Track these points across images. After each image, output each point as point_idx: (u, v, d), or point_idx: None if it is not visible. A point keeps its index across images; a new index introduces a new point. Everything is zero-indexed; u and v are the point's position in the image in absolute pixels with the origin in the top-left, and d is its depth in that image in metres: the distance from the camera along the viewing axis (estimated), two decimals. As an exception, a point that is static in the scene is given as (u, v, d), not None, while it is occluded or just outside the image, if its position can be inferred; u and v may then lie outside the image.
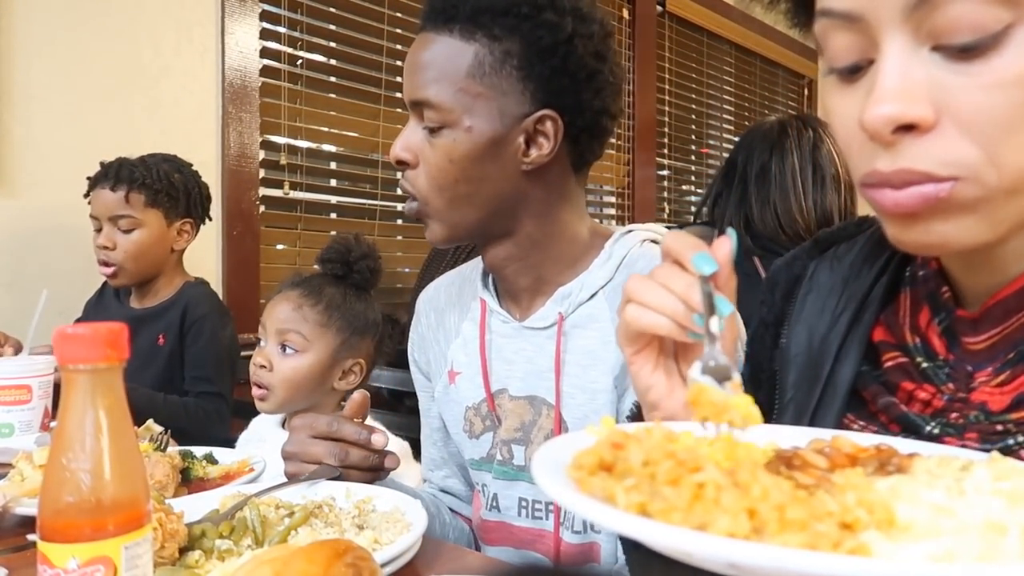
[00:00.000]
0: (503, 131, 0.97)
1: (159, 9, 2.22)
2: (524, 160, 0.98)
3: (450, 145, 0.97)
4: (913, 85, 0.52)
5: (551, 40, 0.96)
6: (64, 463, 0.53)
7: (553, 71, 0.96)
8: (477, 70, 0.95)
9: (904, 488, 0.42)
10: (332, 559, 0.59)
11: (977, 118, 0.51)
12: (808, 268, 0.77)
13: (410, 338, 1.26)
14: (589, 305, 1.03)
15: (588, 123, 1.00)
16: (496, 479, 1.10)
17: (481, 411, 1.11)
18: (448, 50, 0.97)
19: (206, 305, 1.94)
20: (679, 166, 4.23)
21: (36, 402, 1.37)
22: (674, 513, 0.38)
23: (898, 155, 0.53)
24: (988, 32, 0.50)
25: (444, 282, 1.23)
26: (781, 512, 0.37)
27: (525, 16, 0.95)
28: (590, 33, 0.99)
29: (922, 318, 0.67)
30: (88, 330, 0.54)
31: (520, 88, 0.97)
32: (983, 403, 0.61)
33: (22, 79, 1.97)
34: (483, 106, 0.96)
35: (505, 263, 1.07)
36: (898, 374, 0.66)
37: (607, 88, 1.01)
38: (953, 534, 0.38)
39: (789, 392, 0.72)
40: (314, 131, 2.60)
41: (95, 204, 1.86)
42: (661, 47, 4.03)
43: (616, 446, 0.43)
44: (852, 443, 0.49)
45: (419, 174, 1.00)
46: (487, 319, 1.11)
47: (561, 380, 1.03)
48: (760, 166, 1.84)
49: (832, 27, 0.57)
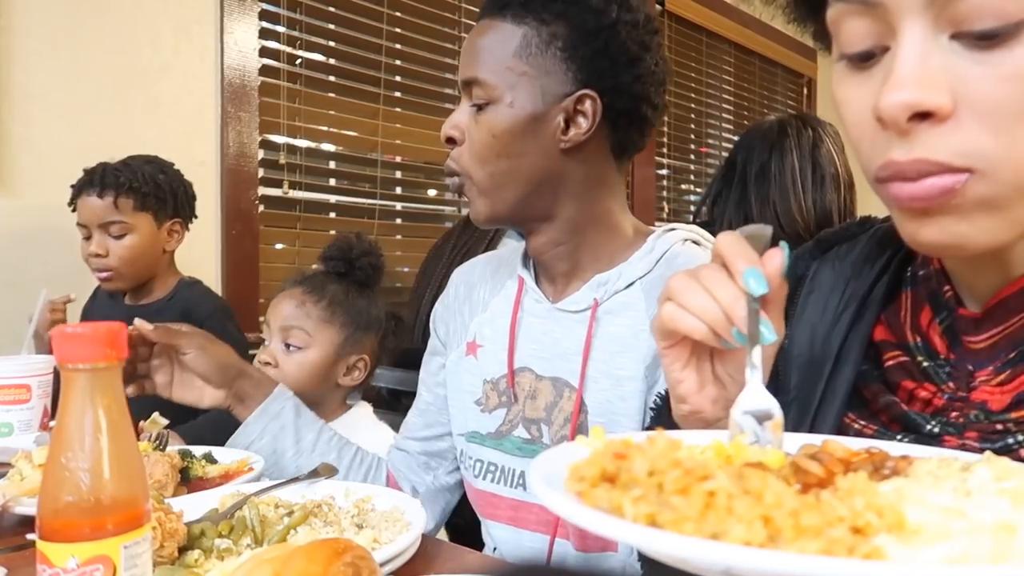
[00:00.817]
0: (543, 108, 1.01)
1: (158, 8, 2.22)
2: (563, 139, 1.02)
3: (493, 120, 1.02)
4: (931, 72, 0.51)
5: (595, 24, 1.01)
6: (63, 462, 0.53)
7: (595, 53, 1.01)
8: (524, 50, 1.01)
9: (909, 491, 0.42)
10: (331, 558, 0.59)
11: (995, 108, 0.50)
12: (810, 268, 0.77)
13: (435, 309, 1.29)
14: (625, 294, 1.05)
15: (627, 107, 1.04)
16: (519, 457, 1.11)
17: (499, 386, 1.13)
18: (500, 33, 1.03)
19: (208, 304, 1.94)
20: (678, 165, 4.23)
21: (35, 401, 1.37)
22: (685, 523, 0.37)
23: (914, 144, 0.52)
24: (1011, 20, 0.49)
25: (481, 260, 1.27)
26: (796, 518, 0.36)
27: (572, 2, 1.01)
28: (635, 21, 1.04)
29: (923, 317, 0.66)
30: (87, 329, 0.54)
31: (563, 68, 1.01)
32: (983, 402, 0.60)
33: (21, 79, 1.97)
34: (526, 84, 1.01)
35: (546, 247, 1.09)
36: (899, 373, 0.66)
37: (648, 77, 1.05)
38: (966, 535, 0.37)
39: (792, 393, 0.72)
40: (313, 130, 2.60)
41: (83, 212, 1.85)
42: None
43: (619, 456, 0.42)
44: (843, 447, 0.48)
45: (464, 150, 1.05)
46: (522, 297, 1.14)
47: (588, 365, 1.05)
48: (760, 166, 1.84)
49: (848, 12, 0.56)
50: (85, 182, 1.84)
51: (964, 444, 0.60)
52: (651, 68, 1.05)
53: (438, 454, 1.26)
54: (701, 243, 1.12)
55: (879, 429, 0.65)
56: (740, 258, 0.58)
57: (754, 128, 1.96)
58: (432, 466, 1.27)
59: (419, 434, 1.27)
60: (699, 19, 4.19)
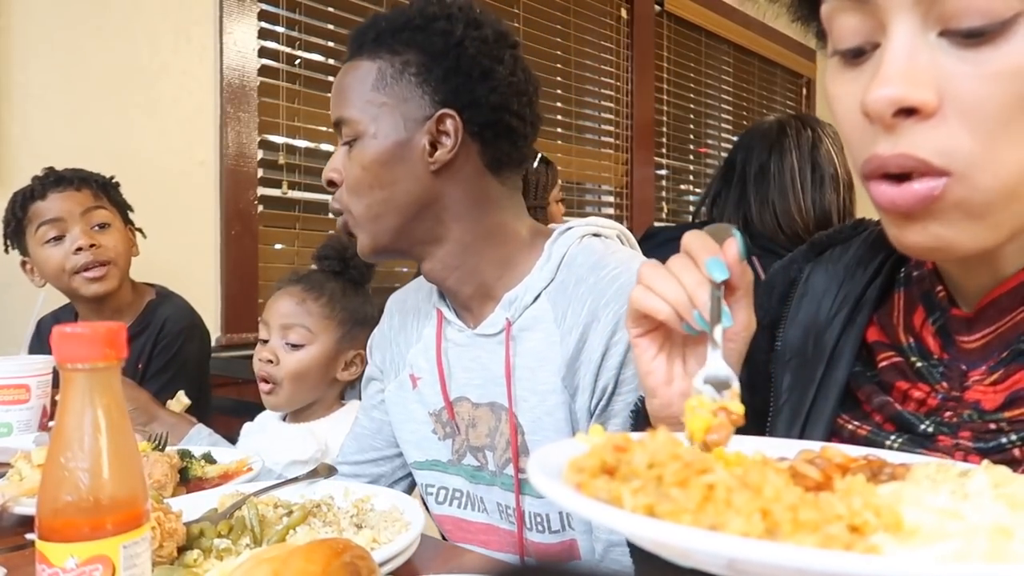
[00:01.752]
0: (407, 135, 1.03)
1: (157, 9, 2.22)
2: (430, 161, 1.03)
3: (361, 153, 1.03)
4: (918, 69, 0.51)
5: (443, 44, 1.02)
6: (62, 462, 0.53)
7: (447, 72, 1.02)
8: (380, 82, 1.03)
9: (907, 493, 0.42)
10: (330, 558, 0.59)
11: (978, 107, 0.50)
12: (804, 271, 0.78)
13: (372, 335, 1.30)
14: (534, 308, 1.05)
15: (489, 120, 1.04)
16: (473, 483, 1.12)
17: (442, 418, 1.13)
18: (359, 71, 1.05)
19: (176, 324, 1.81)
20: (677, 166, 4.24)
21: (34, 401, 1.37)
22: (684, 515, 0.37)
23: (898, 139, 0.52)
24: (998, 18, 0.49)
25: (412, 288, 1.26)
26: (794, 513, 0.37)
27: (419, 28, 1.04)
28: (483, 37, 1.04)
29: (916, 318, 0.67)
30: (86, 329, 0.54)
31: (419, 93, 1.03)
32: (977, 402, 0.61)
33: (20, 78, 1.97)
34: (387, 114, 1.03)
35: (444, 273, 1.09)
36: (892, 374, 0.66)
37: (505, 88, 1.04)
38: (962, 536, 0.38)
39: (784, 395, 0.72)
40: (312, 130, 2.60)
41: (61, 204, 1.67)
42: (659, 47, 4.03)
43: (619, 449, 0.42)
44: (842, 454, 0.48)
45: (343, 190, 1.06)
46: (443, 329, 1.14)
47: (513, 385, 1.05)
48: (759, 166, 1.84)
49: (840, 8, 0.57)
50: (51, 181, 1.69)
51: (958, 444, 0.60)
52: (507, 79, 1.04)
53: (372, 478, 1.25)
54: (601, 234, 1.11)
55: (873, 430, 0.65)
56: (703, 250, 0.63)
57: (754, 128, 1.96)
58: None
59: (352, 458, 1.27)
60: (698, 19, 4.20)
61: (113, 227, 1.74)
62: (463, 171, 1.05)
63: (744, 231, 1.80)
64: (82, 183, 1.72)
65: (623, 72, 3.83)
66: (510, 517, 1.08)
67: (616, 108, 3.82)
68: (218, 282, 2.35)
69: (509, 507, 1.08)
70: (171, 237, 2.18)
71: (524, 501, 1.05)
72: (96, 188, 1.74)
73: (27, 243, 1.71)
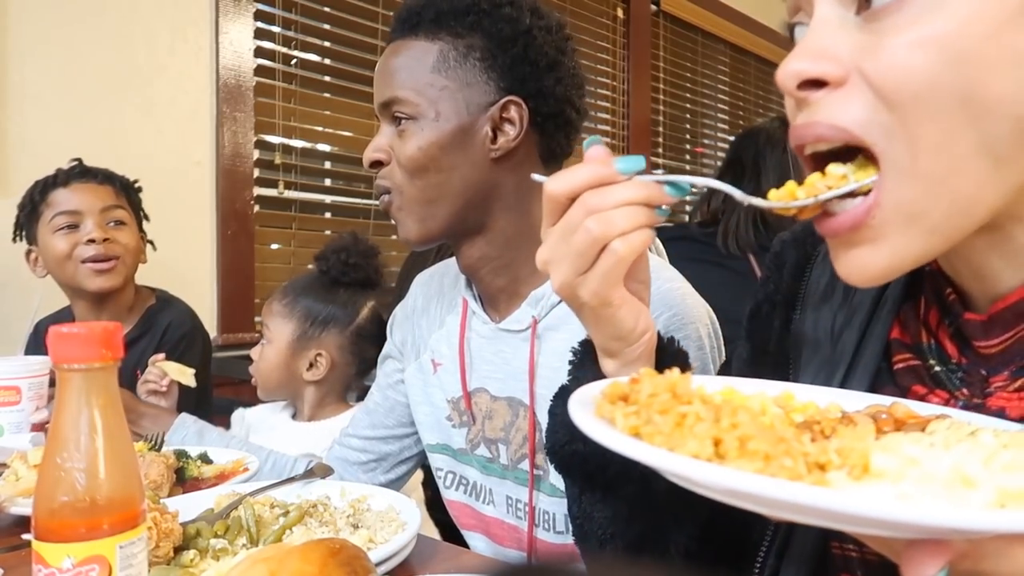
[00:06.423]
0: (469, 120, 1.01)
1: (153, 9, 2.22)
2: (492, 148, 1.01)
3: (419, 134, 1.00)
4: (827, 44, 0.52)
5: (511, 31, 1.00)
6: (59, 463, 0.53)
7: (515, 59, 1.01)
8: (442, 65, 1.00)
9: (892, 441, 0.44)
10: (327, 558, 0.59)
11: (883, 77, 0.50)
12: (819, 249, 0.74)
13: (394, 313, 1.28)
14: (562, 307, 1.04)
15: (553, 111, 1.03)
16: (485, 475, 1.12)
17: (459, 406, 1.13)
18: (414, 51, 1.02)
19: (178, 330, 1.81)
20: (674, 165, 4.24)
21: (25, 403, 1.36)
22: (657, 436, 0.43)
23: (812, 111, 0.53)
24: None
25: (439, 270, 1.25)
26: (743, 443, 0.41)
27: (485, 12, 1.01)
28: (548, 26, 1.03)
29: (932, 318, 0.64)
30: (83, 329, 0.54)
31: (484, 79, 1.01)
32: (1001, 409, 0.57)
33: (17, 79, 1.97)
34: (449, 97, 1.00)
35: (480, 263, 1.08)
36: (908, 377, 0.63)
37: (569, 79, 1.04)
38: (916, 481, 0.39)
39: (808, 378, 0.69)
40: (309, 130, 2.60)
41: (81, 196, 1.69)
42: (656, 46, 4.04)
43: (634, 380, 0.49)
44: (907, 410, 0.51)
45: (393, 168, 1.03)
46: (468, 319, 1.13)
47: (535, 383, 1.04)
48: (759, 163, 1.84)
49: None
50: (78, 172, 1.72)
51: None
52: (570, 71, 1.04)
53: (380, 456, 1.26)
54: None
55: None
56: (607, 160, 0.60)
57: (754, 127, 1.98)
58: (371, 467, 1.27)
59: (363, 433, 1.27)
60: (694, 19, 4.20)
61: (128, 227, 1.76)
62: (520, 161, 1.03)
63: (756, 229, 1.81)
64: (106, 179, 1.75)
65: (619, 72, 3.84)
66: (518, 512, 1.08)
67: (612, 108, 3.82)
68: (214, 282, 2.35)
69: (520, 502, 1.08)
70: (167, 237, 2.17)
71: (537, 498, 1.06)
72: (119, 187, 1.77)
73: (37, 230, 1.71)
